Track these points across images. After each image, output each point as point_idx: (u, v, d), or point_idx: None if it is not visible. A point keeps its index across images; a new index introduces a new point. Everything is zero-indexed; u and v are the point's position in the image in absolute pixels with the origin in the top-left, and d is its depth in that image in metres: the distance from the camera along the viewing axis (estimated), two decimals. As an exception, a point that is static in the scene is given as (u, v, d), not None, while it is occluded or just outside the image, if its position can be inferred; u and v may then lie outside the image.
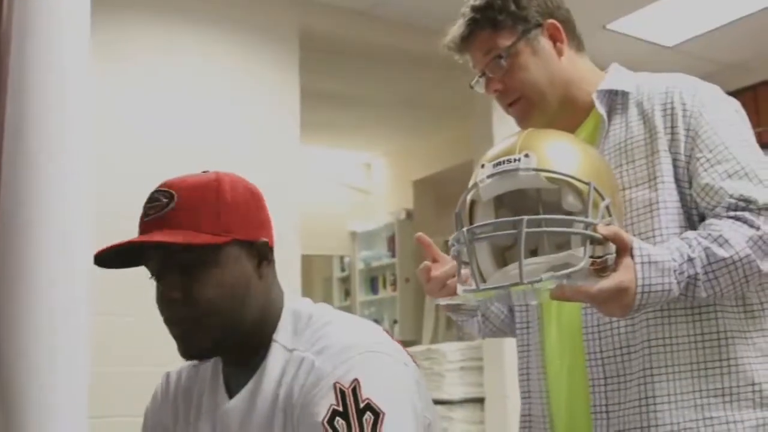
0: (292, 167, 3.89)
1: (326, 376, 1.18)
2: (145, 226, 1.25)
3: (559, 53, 1.55)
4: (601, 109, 1.51)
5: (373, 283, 7.22)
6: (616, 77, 1.56)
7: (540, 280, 1.21)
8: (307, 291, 6.60)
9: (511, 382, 4.50)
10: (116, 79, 3.49)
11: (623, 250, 1.26)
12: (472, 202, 1.40)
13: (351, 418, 1.12)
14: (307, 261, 6.80)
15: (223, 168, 1.37)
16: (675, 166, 1.41)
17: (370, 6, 4.19)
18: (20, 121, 1.27)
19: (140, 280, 1.29)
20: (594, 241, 1.25)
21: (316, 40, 4.21)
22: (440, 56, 1.61)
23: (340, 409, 1.13)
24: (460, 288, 1.36)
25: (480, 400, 4.83)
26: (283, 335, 1.30)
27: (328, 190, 7.04)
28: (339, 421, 1.13)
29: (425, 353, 5.12)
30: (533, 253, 1.38)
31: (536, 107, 1.54)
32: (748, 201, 1.32)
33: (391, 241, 6.93)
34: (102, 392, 1.43)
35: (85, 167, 1.30)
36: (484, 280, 1.35)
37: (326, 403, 1.15)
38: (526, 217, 1.21)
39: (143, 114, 3.56)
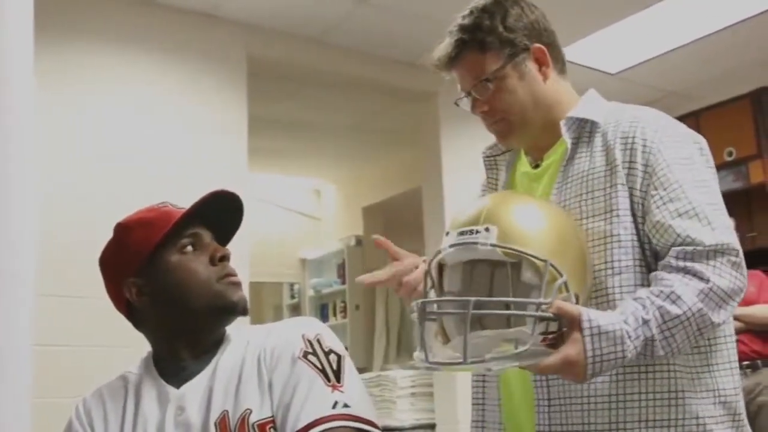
0: (240, 194, 3.83)
1: (294, 332, 1.39)
2: None
3: (545, 77, 1.56)
4: (566, 137, 1.51)
5: (323, 310, 7.17)
6: (588, 105, 1.57)
7: (483, 361, 1.25)
8: (257, 318, 6.54)
9: (463, 408, 4.52)
10: (62, 106, 3.44)
11: (572, 323, 1.27)
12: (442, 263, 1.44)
13: (320, 356, 1.35)
14: (257, 288, 6.76)
15: (172, 196, 1.42)
16: (631, 200, 1.42)
17: (319, 33, 4.20)
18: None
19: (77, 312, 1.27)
20: (546, 318, 1.27)
21: (264, 66, 4.21)
22: (389, 83, 1.63)
23: (310, 350, 1.35)
24: (415, 355, 1.38)
25: (431, 427, 4.82)
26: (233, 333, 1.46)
27: (277, 216, 7.01)
28: (311, 357, 1.34)
29: (376, 380, 5.10)
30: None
31: (517, 129, 1.56)
32: (694, 242, 1.33)
33: (341, 267, 6.90)
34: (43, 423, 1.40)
35: (29, 197, 1.27)
36: (448, 339, 1.40)
37: (298, 346, 1.35)
38: (473, 299, 1.26)
39: (89, 140, 3.51)
